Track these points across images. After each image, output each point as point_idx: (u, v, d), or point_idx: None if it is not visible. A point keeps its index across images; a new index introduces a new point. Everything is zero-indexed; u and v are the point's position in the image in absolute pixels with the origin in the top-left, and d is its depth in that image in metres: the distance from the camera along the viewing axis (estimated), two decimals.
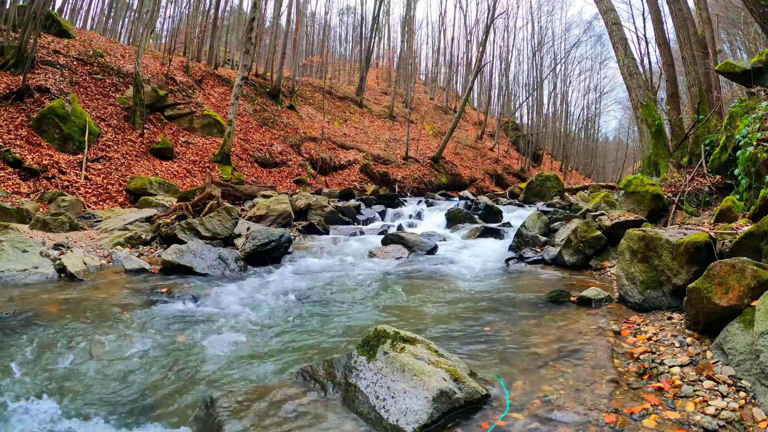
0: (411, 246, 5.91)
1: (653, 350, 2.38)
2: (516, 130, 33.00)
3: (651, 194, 5.90)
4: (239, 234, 6.06)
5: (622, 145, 43.29)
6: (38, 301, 3.40)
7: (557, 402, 1.92)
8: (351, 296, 3.87)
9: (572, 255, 4.88)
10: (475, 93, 36.02)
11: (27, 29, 11.32)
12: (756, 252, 2.72)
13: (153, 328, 2.95)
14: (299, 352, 2.60)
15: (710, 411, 1.79)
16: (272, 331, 2.97)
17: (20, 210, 6.51)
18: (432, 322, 3.11)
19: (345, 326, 3.08)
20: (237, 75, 13.78)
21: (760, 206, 3.95)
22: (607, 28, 9.59)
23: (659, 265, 3.07)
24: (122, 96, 12.91)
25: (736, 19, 17.88)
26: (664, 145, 8.41)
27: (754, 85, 5.89)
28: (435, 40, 40.75)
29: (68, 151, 9.64)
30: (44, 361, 2.39)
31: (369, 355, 2.09)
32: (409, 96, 27.09)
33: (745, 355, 1.99)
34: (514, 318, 3.15)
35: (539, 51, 33.76)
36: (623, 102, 40.42)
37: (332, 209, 8.62)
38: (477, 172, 23.75)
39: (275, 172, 15.44)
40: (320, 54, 34.36)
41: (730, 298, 2.22)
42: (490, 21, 23.02)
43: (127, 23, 29.20)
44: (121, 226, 6.39)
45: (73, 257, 4.44)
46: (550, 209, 8.86)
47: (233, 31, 31.67)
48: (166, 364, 2.43)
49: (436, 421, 1.76)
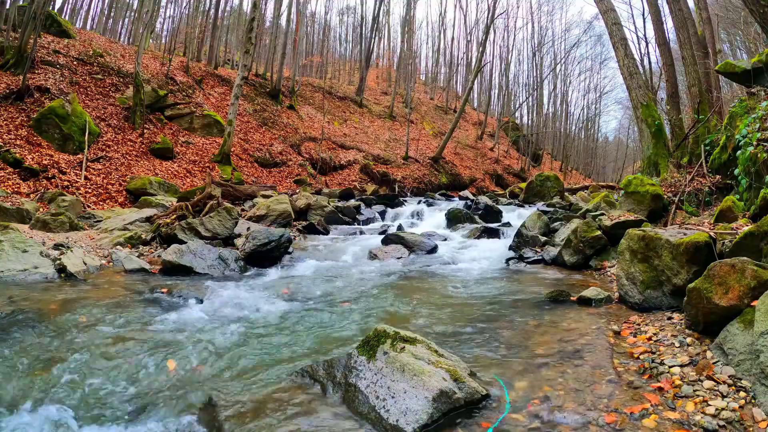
0: (411, 246, 5.91)
1: (653, 350, 2.38)
2: (516, 130, 33.00)
3: (651, 194, 5.90)
4: (239, 234, 6.06)
5: (622, 145, 43.35)
6: (38, 301, 3.40)
7: (557, 402, 1.92)
8: (351, 296, 3.87)
9: (572, 255, 4.88)
10: (475, 93, 36.05)
11: (27, 29, 11.32)
12: (756, 252, 2.72)
13: (152, 327, 2.95)
14: (299, 352, 2.60)
15: (710, 411, 1.79)
16: (272, 330, 2.97)
17: (20, 210, 6.51)
18: (432, 322, 3.11)
19: (345, 326, 3.08)
20: (237, 75, 13.78)
21: (760, 206, 3.95)
22: (607, 28, 9.59)
23: (659, 265, 3.07)
24: (122, 96, 12.91)
25: (736, 19, 17.88)
26: (664, 145, 8.41)
27: (754, 85, 5.89)
28: (435, 40, 40.80)
29: (68, 151, 9.64)
30: (44, 361, 2.39)
31: (369, 355, 2.09)
32: (409, 96, 27.09)
33: (745, 355, 1.99)
34: (514, 318, 3.15)
35: (539, 51, 33.77)
36: (623, 102, 40.49)
37: (332, 209, 8.62)
38: (477, 172, 23.74)
39: (275, 172, 15.44)
40: (320, 54, 34.38)
41: (730, 298, 2.22)
42: (490, 21, 23.03)
43: (127, 23, 29.22)
44: (121, 226, 6.39)
45: (73, 257, 4.44)
46: (550, 209, 8.85)
47: (233, 31, 31.67)
48: (166, 364, 2.43)
49: (436, 421, 1.76)
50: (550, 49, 35.58)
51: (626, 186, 6.22)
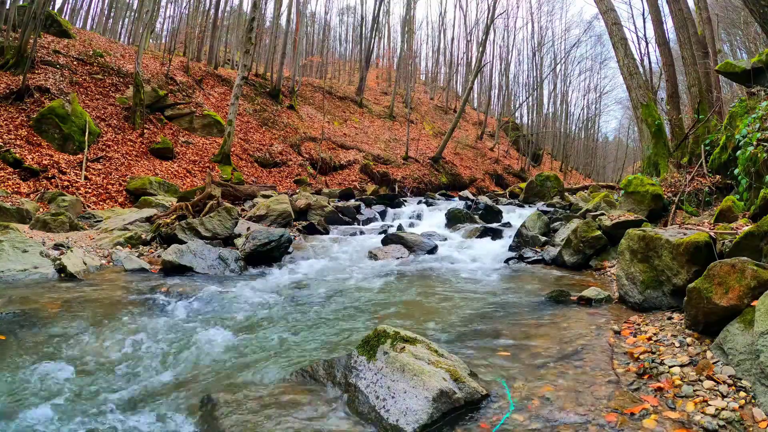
0: (411, 246, 5.91)
1: (653, 350, 2.38)
2: (516, 130, 32.97)
3: (651, 194, 5.90)
4: (239, 234, 6.05)
5: (622, 145, 43.30)
6: (38, 301, 3.40)
7: (557, 402, 1.92)
8: (351, 296, 3.87)
9: (572, 255, 4.88)
10: (475, 93, 35.99)
11: (27, 29, 11.32)
12: (756, 252, 2.72)
13: (153, 327, 2.95)
14: (299, 352, 2.60)
15: (710, 411, 1.79)
16: (272, 330, 2.97)
17: (20, 210, 6.51)
18: (432, 322, 3.11)
19: (345, 326, 3.08)
20: (237, 75, 13.78)
21: (760, 206, 3.95)
22: (607, 28, 9.59)
23: (659, 265, 3.07)
24: (122, 96, 12.91)
25: (736, 19, 17.88)
26: (664, 145, 8.41)
27: (754, 85, 5.89)
28: (435, 40, 40.84)
29: (68, 151, 9.64)
30: (44, 361, 2.39)
31: (369, 355, 2.09)
32: (409, 96, 27.08)
33: (745, 355, 1.99)
34: (514, 318, 3.15)
35: (539, 51, 33.72)
36: (623, 102, 40.40)
37: (332, 209, 8.62)
38: (477, 172, 23.73)
39: (275, 172, 15.44)
40: (320, 54, 34.35)
41: (730, 298, 2.22)
42: (490, 21, 23.03)
43: (127, 23, 29.24)
44: (121, 226, 6.39)
45: (73, 257, 4.44)
46: (550, 209, 8.85)
47: (233, 31, 31.64)
48: (166, 364, 2.43)
49: (437, 421, 1.76)
50: (550, 49, 35.56)
51: (626, 186, 6.22)
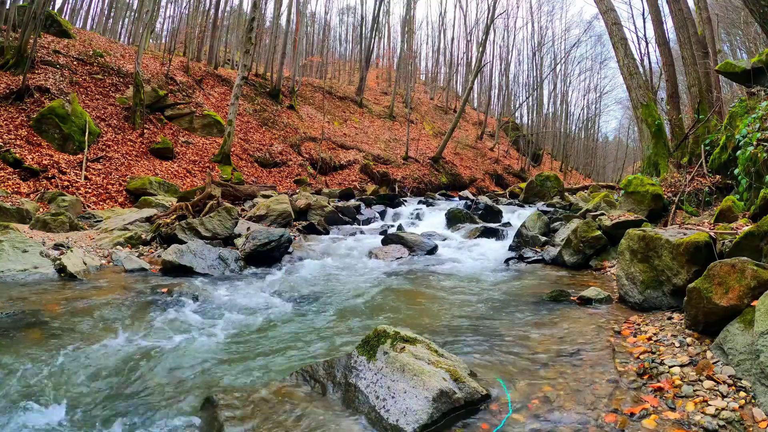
0: (411, 246, 5.91)
1: (653, 350, 2.38)
2: (516, 130, 32.97)
3: (651, 194, 5.90)
4: (239, 234, 6.05)
5: (622, 145, 43.29)
6: (38, 301, 3.40)
7: (557, 402, 1.92)
8: (351, 296, 3.87)
9: (572, 255, 4.88)
10: (475, 93, 36.00)
11: (27, 29, 11.31)
12: (756, 252, 2.72)
13: (153, 327, 2.95)
14: (299, 352, 2.60)
15: (710, 411, 1.79)
16: (272, 331, 2.97)
17: (20, 210, 6.51)
18: (432, 322, 3.11)
19: (345, 326, 3.08)
20: (237, 75, 13.78)
21: (760, 206, 3.95)
22: (607, 28, 9.59)
23: (659, 265, 3.07)
24: (122, 96, 12.91)
25: (736, 19, 17.88)
26: (664, 145, 8.41)
27: (754, 85, 5.89)
28: (435, 40, 40.83)
29: (68, 151, 9.64)
30: (44, 360, 2.39)
31: (369, 355, 2.09)
32: (409, 96, 27.08)
33: (745, 355, 1.99)
34: (514, 318, 3.15)
35: (539, 51, 33.72)
36: (623, 102, 40.40)
37: (332, 209, 8.61)
38: (477, 172, 23.73)
39: (275, 172, 15.44)
40: (320, 54, 34.34)
41: (730, 298, 2.22)
42: (490, 21, 23.01)
43: (127, 23, 29.23)
44: (121, 226, 6.39)
45: (73, 257, 4.44)
46: (550, 209, 8.85)
47: (233, 31, 31.64)
48: (166, 364, 2.43)
49: (437, 421, 1.76)
50: (550, 49, 35.56)
51: (626, 186, 6.22)
